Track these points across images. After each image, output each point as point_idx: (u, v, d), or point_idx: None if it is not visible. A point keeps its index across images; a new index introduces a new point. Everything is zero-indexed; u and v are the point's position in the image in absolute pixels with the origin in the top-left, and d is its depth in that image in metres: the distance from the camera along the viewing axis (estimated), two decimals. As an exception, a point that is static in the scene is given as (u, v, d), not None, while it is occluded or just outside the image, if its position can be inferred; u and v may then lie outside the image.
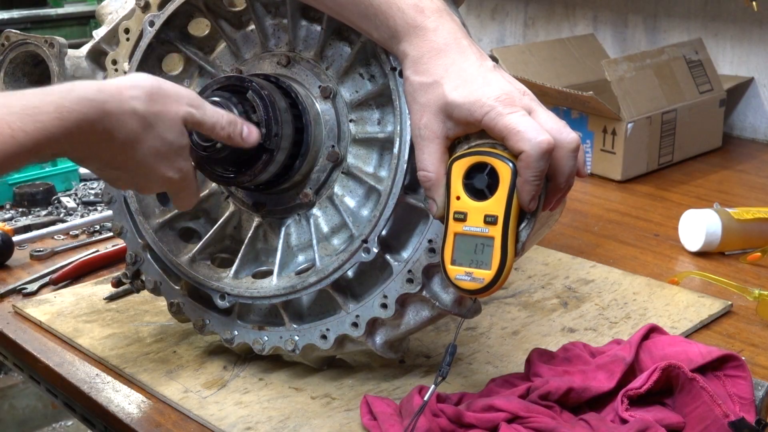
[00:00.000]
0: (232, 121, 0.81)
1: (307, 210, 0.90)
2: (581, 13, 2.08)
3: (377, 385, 0.90)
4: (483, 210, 0.73)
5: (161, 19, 0.94)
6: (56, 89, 0.71)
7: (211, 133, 0.81)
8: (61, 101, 0.69)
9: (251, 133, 0.83)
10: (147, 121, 0.75)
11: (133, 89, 0.75)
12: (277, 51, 0.92)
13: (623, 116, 1.52)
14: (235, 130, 0.81)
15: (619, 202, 1.48)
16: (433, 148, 0.76)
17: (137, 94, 0.75)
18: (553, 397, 0.79)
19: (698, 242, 1.23)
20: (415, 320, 0.86)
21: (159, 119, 0.76)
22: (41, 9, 3.74)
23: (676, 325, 1.02)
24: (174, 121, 0.77)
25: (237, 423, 0.84)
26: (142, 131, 0.75)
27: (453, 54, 0.75)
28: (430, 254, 0.82)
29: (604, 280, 1.14)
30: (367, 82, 0.88)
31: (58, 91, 0.70)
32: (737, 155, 1.74)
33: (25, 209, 1.45)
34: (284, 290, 0.88)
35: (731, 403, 0.78)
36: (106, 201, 1.00)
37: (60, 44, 1.03)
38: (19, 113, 0.67)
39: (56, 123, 0.68)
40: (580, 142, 0.74)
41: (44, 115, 0.68)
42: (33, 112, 0.67)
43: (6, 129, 0.66)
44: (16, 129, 0.66)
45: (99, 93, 0.72)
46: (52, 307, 1.09)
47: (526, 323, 1.03)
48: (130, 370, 0.94)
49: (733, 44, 1.84)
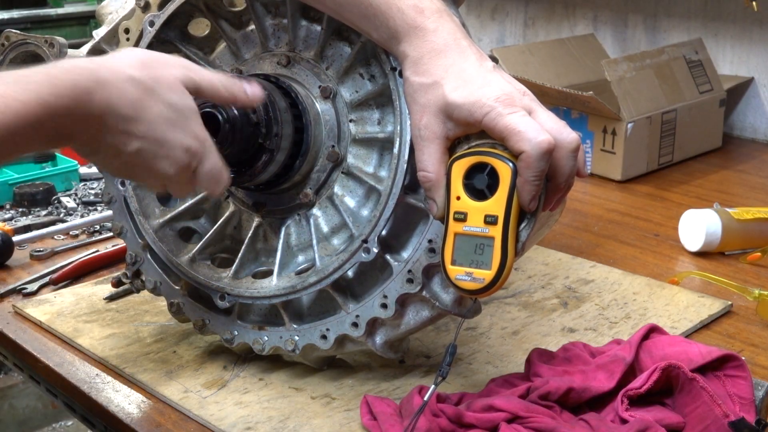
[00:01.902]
0: (231, 80, 0.78)
1: (307, 210, 0.90)
2: (581, 13, 2.08)
3: (377, 385, 0.90)
4: (483, 210, 0.73)
5: (161, 19, 0.94)
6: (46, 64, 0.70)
7: (214, 94, 0.77)
8: (51, 70, 0.68)
9: (254, 91, 0.79)
10: (146, 86, 0.72)
11: (125, 58, 0.73)
12: (277, 51, 0.92)
13: (623, 116, 1.52)
14: (237, 89, 0.78)
15: (619, 202, 1.48)
16: (433, 149, 0.76)
17: (130, 61, 0.73)
18: (553, 397, 0.79)
19: (698, 242, 1.23)
20: (415, 320, 0.86)
21: (157, 83, 0.73)
22: (41, 9, 3.74)
23: (676, 325, 1.02)
24: (174, 83, 0.74)
25: (237, 423, 0.84)
26: (145, 96, 0.72)
27: (453, 54, 0.75)
28: (430, 254, 0.82)
29: (604, 280, 1.14)
30: (367, 82, 0.88)
31: (48, 65, 0.70)
32: (737, 155, 1.74)
33: (25, 209, 1.45)
34: (284, 290, 0.88)
35: (731, 403, 0.78)
36: (106, 201, 1.00)
37: (60, 44, 1.04)
38: (10, 82, 0.66)
39: (49, 90, 0.67)
40: (580, 142, 0.74)
41: (35, 84, 0.66)
42: (24, 80, 0.66)
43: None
44: (8, 97, 0.64)
45: (90, 62, 0.71)
46: (52, 307, 1.09)
47: (526, 323, 1.03)
48: (130, 370, 0.94)
49: (733, 44, 1.84)
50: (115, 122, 0.71)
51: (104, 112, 0.70)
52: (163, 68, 0.74)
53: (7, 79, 0.66)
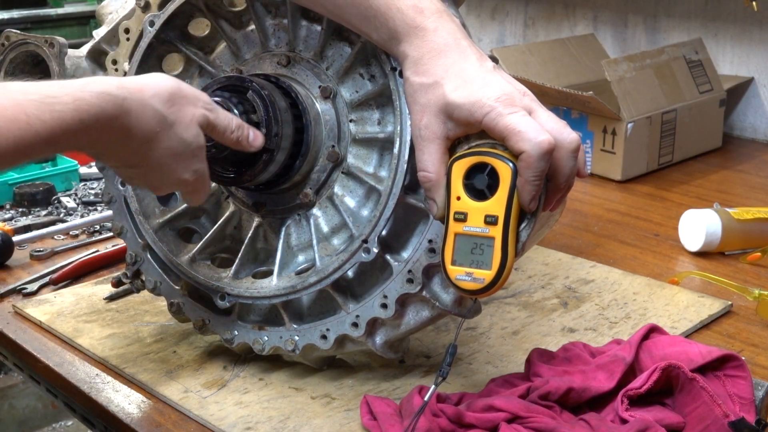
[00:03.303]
0: (240, 126, 0.82)
1: (307, 210, 0.90)
2: (581, 13, 2.08)
3: (377, 385, 0.90)
4: (483, 210, 0.73)
5: (161, 19, 0.94)
6: (74, 82, 0.70)
7: (222, 136, 0.81)
8: (80, 94, 0.68)
9: (257, 138, 0.83)
10: (166, 121, 0.75)
11: (155, 88, 0.75)
12: (277, 51, 0.92)
13: (623, 116, 1.52)
14: (243, 134, 0.82)
15: (619, 202, 1.48)
16: (433, 149, 0.76)
17: (159, 92, 0.75)
18: (553, 397, 0.79)
19: (698, 242, 1.23)
20: (415, 320, 0.86)
21: (177, 120, 0.76)
22: (41, 9, 3.74)
23: (676, 325, 1.02)
24: (192, 123, 0.77)
25: (237, 423, 0.84)
26: (161, 131, 0.75)
27: (453, 55, 0.75)
28: (430, 254, 0.82)
29: (604, 280, 1.14)
30: (367, 82, 0.88)
31: (77, 84, 0.70)
32: (737, 155, 1.74)
33: (25, 209, 1.45)
34: (284, 290, 0.88)
35: (731, 403, 0.78)
36: (106, 201, 1.00)
37: (60, 44, 1.04)
38: (36, 100, 0.66)
39: (74, 115, 0.67)
40: (580, 142, 0.74)
41: (61, 105, 0.67)
42: (50, 101, 0.66)
43: (22, 116, 0.64)
44: (32, 116, 0.65)
45: (120, 89, 0.72)
46: (52, 307, 1.09)
47: (526, 323, 1.03)
48: (130, 370, 0.94)
49: (733, 44, 1.84)
50: (125, 145, 0.74)
51: (119, 137, 0.73)
52: (188, 106, 0.77)
53: (33, 96, 0.66)
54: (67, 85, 0.69)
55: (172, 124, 0.75)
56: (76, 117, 0.68)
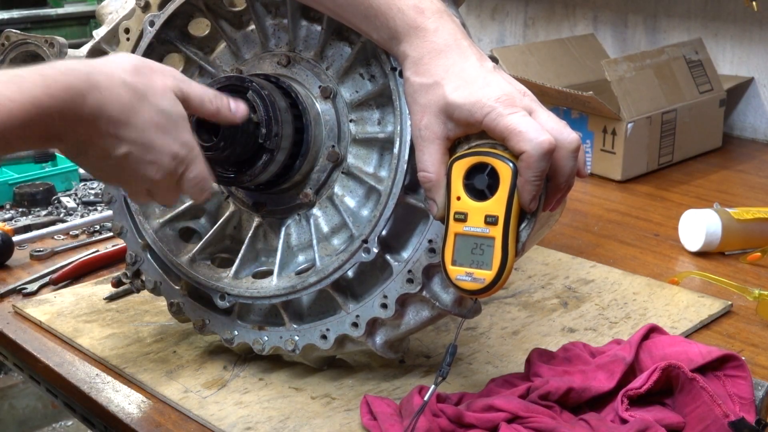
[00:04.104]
0: (218, 95, 0.80)
1: (307, 210, 0.90)
2: (581, 13, 2.08)
3: (377, 385, 0.90)
4: (483, 210, 0.73)
5: (161, 19, 0.94)
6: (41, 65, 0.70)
7: (200, 107, 0.79)
8: (45, 71, 0.69)
9: (239, 107, 0.81)
10: (138, 91, 0.73)
11: (118, 61, 0.75)
12: (278, 51, 0.92)
13: (623, 116, 1.52)
14: (222, 103, 0.80)
15: (619, 202, 1.48)
16: (433, 149, 0.76)
17: (123, 65, 0.74)
18: (553, 397, 0.79)
19: (698, 242, 1.23)
20: (415, 320, 0.86)
21: (149, 88, 0.74)
22: (41, 9, 3.74)
23: (676, 325, 1.02)
24: (165, 91, 0.76)
25: (237, 423, 0.84)
26: (136, 101, 0.73)
27: (453, 55, 0.75)
28: (430, 254, 0.82)
29: (604, 280, 1.14)
30: (368, 82, 0.88)
31: (43, 65, 0.70)
32: (737, 155, 1.74)
33: (25, 209, 1.45)
34: (284, 290, 0.88)
35: (731, 403, 0.78)
36: (106, 201, 1.00)
37: (60, 44, 1.04)
38: (4, 81, 0.66)
39: (43, 90, 0.67)
40: (580, 142, 0.74)
41: (29, 84, 0.67)
42: (18, 80, 0.67)
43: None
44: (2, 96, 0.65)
45: (85, 65, 0.72)
46: (52, 307, 1.09)
47: (526, 323, 1.03)
48: (130, 370, 0.94)
49: (733, 44, 1.84)
50: (105, 125, 0.72)
51: (96, 115, 0.71)
52: (156, 75, 0.76)
53: (1, 78, 0.67)
54: (34, 67, 0.70)
55: (144, 93, 0.74)
56: (46, 92, 0.68)
